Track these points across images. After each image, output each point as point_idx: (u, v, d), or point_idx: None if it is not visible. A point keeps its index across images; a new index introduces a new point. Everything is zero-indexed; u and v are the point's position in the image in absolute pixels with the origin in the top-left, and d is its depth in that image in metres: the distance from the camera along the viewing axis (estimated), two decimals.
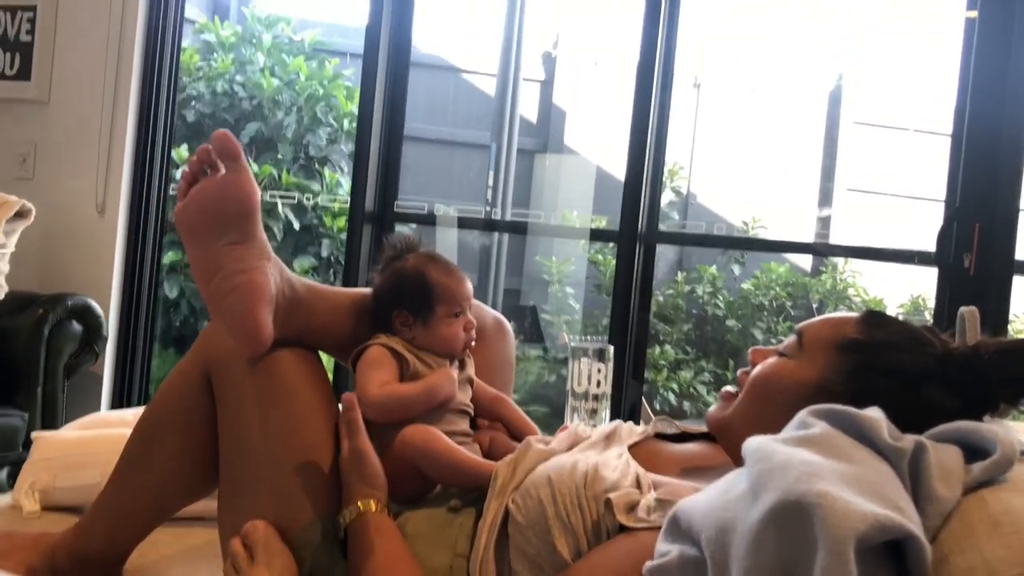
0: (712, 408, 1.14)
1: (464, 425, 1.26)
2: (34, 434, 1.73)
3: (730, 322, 4.50)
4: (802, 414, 0.89)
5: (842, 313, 1.09)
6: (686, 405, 4.25)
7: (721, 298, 4.55)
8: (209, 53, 4.68)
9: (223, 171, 1.14)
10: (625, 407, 2.46)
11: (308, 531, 1.11)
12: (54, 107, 2.81)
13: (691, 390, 4.30)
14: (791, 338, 1.09)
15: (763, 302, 4.46)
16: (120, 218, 2.75)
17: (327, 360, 1.39)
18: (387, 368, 1.21)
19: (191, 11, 4.84)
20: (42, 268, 2.73)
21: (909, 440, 0.85)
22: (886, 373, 1.01)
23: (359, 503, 1.10)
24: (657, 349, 4.41)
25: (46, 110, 2.81)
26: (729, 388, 1.13)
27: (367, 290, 1.33)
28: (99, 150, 2.75)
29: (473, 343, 1.30)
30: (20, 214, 2.40)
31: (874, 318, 1.06)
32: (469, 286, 1.30)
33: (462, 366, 1.30)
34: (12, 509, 1.64)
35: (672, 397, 4.29)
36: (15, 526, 1.54)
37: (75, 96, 2.79)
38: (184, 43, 4.56)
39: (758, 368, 1.09)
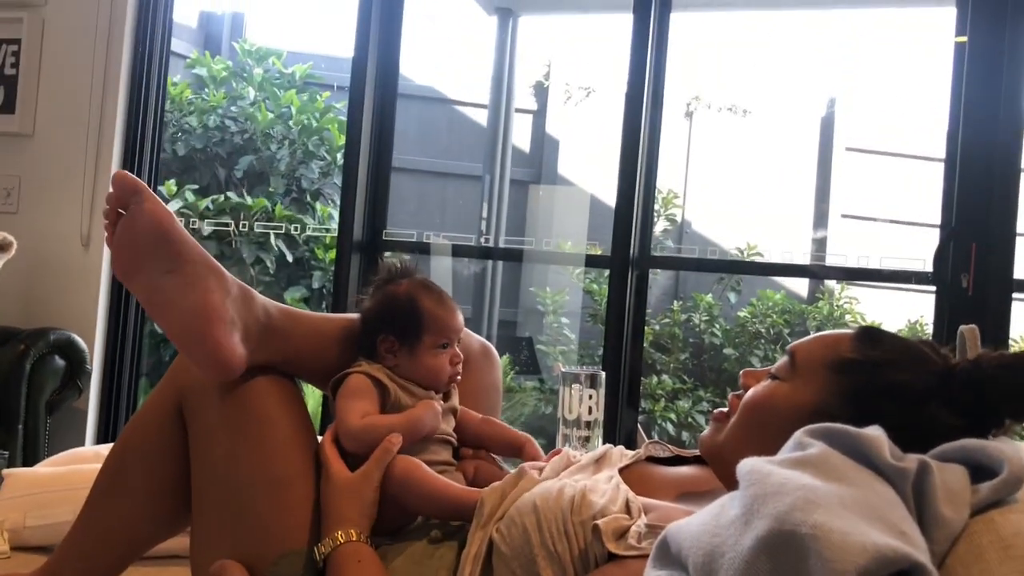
0: (705, 432, 1.09)
1: (446, 455, 1.21)
2: (4, 471, 1.68)
3: (727, 350, 4.46)
4: (799, 434, 0.84)
5: (835, 331, 1.04)
6: (684, 435, 4.19)
7: (718, 326, 4.51)
8: (201, 87, 4.67)
9: (133, 207, 1.12)
10: (620, 436, 2.41)
11: (280, 565, 1.06)
12: (39, 140, 2.78)
13: (689, 420, 4.25)
14: (783, 359, 1.04)
15: (760, 329, 4.42)
16: (105, 252, 2.71)
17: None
18: (368, 398, 1.16)
19: (182, 46, 4.84)
20: (25, 302, 2.68)
21: (912, 460, 0.80)
22: (885, 393, 0.96)
23: (339, 533, 1.05)
24: (654, 379, 4.36)
25: (31, 143, 2.78)
26: (722, 409, 1.08)
27: (355, 316, 1.29)
28: (84, 183, 2.72)
29: (459, 377, 1.25)
30: (2, 247, 2.36)
31: (869, 335, 1.01)
32: (460, 319, 1.26)
33: (446, 397, 1.26)
34: None
35: (670, 427, 4.24)
36: None
37: (60, 129, 2.76)
38: (175, 78, 4.58)
39: (751, 392, 1.04)
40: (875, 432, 0.82)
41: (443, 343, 1.22)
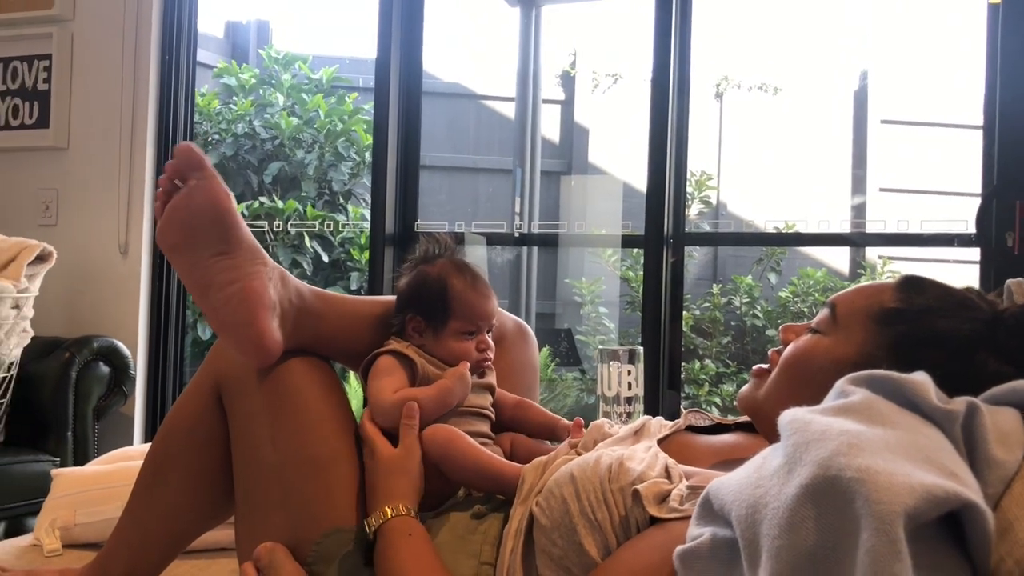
0: (744, 387, 1.06)
1: (484, 428, 1.20)
2: (53, 471, 1.70)
3: (770, 331, 4.40)
4: (841, 383, 0.81)
5: (877, 281, 1.01)
6: (730, 419, 4.14)
7: (759, 308, 4.45)
8: (229, 96, 4.72)
9: (192, 183, 1.11)
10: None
11: (323, 544, 1.06)
12: (73, 153, 2.82)
13: (735, 403, 4.19)
14: (823, 312, 1.01)
15: (802, 309, 4.35)
16: (143, 258, 2.74)
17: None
18: (396, 375, 1.16)
19: (210, 56, 4.89)
20: (68, 311, 2.72)
21: (960, 402, 0.77)
22: (931, 342, 0.93)
23: (388, 507, 1.04)
24: (697, 364, 4.32)
25: (66, 156, 2.83)
26: (761, 366, 1.06)
27: (388, 298, 1.28)
28: (119, 192, 2.76)
29: (490, 364, 1.23)
30: (41, 258, 2.40)
31: (912, 283, 0.98)
32: (492, 306, 1.23)
33: (481, 374, 1.24)
34: (33, 548, 1.61)
35: (715, 412, 4.19)
36: (36, 565, 1.51)
37: (93, 142, 2.80)
38: (204, 87, 4.62)
39: (791, 347, 1.02)
40: (920, 377, 0.79)
41: (470, 330, 1.20)
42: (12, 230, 2.50)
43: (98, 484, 1.64)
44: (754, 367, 1.07)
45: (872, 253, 4.47)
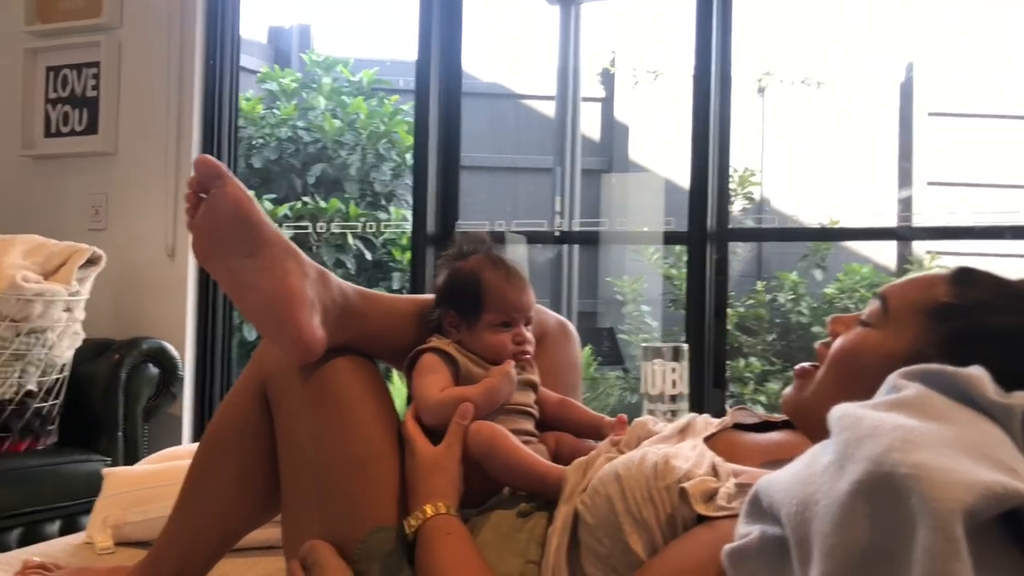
0: (787, 389, 1.04)
1: (528, 425, 1.20)
2: (104, 471, 1.73)
3: (816, 328, 4.33)
4: (892, 377, 0.80)
5: (929, 273, 0.99)
6: (778, 416, 4.09)
7: (804, 304, 4.39)
8: (272, 101, 4.78)
9: (213, 191, 1.12)
10: None
11: (368, 542, 1.06)
12: (121, 158, 2.87)
13: (780, 402, 4.14)
14: (873, 304, 0.99)
15: (848, 305, 4.28)
16: (190, 261, 2.78)
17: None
18: (441, 373, 1.16)
19: (254, 62, 4.96)
20: (118, 314, 2.77)
21: (1020, 396, 0.75)
22: (988, 338, 0.90)
23: (428, 506, 1.04)
24: (741, 361, 4.27)
25: (114, 161, 2.88)
26: (804, 365, 1.03)
27: (430, 296, 1.29)
28: (166, 197, 2.80)
29: (529, 357, 1.23)
30: (92, 261, 2.45)
31: (966, 276, 0.95)
32: (528, 298, 1.23)
33: (523, 370, 1.24)
34: (86, 545, 1.64)
35: (761, 410, 4.13)
36: (88, 562, 1.54)
37: (141, 147, 2.85)
38: (248, 93, 4.68)
39: (839, 341, 1.00)
40: (976, 371, 0.77)
41: (504, 321, 1.20)
42: (63, 234, 2.55)
43: (148, 483, 1.66)
44: (796, 367, 1.05)
45: (920, 248, 4.39)
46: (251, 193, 1.16)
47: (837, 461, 0.69)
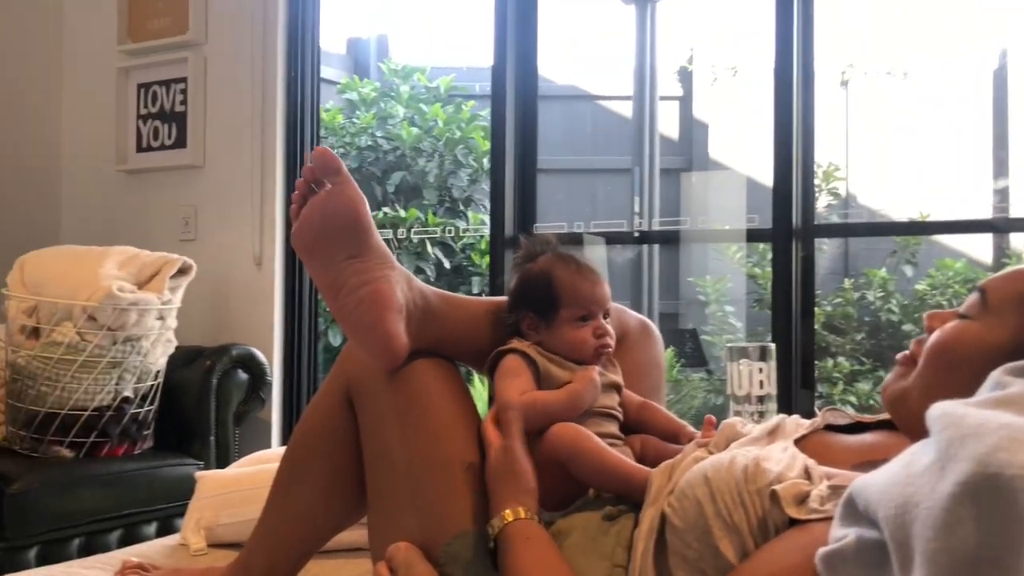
0: (888, 377, 1.00)
1: (612, 428, 1.18)
2: (197, 474, 1.77)
3: (907, 326, 4.19)
4: (996, 373, 0.76)
5: None
6: (870, 417, 3.97)
7: (895, 302, 4.25)
8: (352, 111, 4.86)
9: (328, 187, 1.13)
10: None
11: (453, 546, 1.06)
12: (209, 171, 2.96)
13: (871, 402, 4.02)
14: (972, 297, 0.95)
15: (941, 302, 4.13)
16: (277, 269, 2.85)
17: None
18: (523, 375, 1.16)
19: (333, 72, 5.05)
20: (208, 321, 2.85)
21: None
22: None
23: (507, 511, 1.04)
24: (830, 361, 4.16)
25: (203, 174, 2.97)
26: (907, 352, 0.99)
27: (504, 298, 1.29)
28: (252, 207, 2.87)
29: (611, 350, 1.22)
30: (183, 271, 2.52)
31: None
32: (603, 291, 1.22)
33: (606, 371, 1.23)
34: (181, 547, 1.68)
35: (851, 411, 4.02)
36: (183, 563, 1.58)
37: (227, 159, 2.93)
38: (328, 103, 4.78)
39: (936, 334, 0.96)
40: None
41: (582, 315, 1.19)
42: (155, 245, 2.64)
43: (239, 486, 1.70)
44: (899, 355, 1.01)
45: (1018, 240, 4.20)
46: None
47: (938, 461, 0.66)
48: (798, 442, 1.04)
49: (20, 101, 3.12)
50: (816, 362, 2.65)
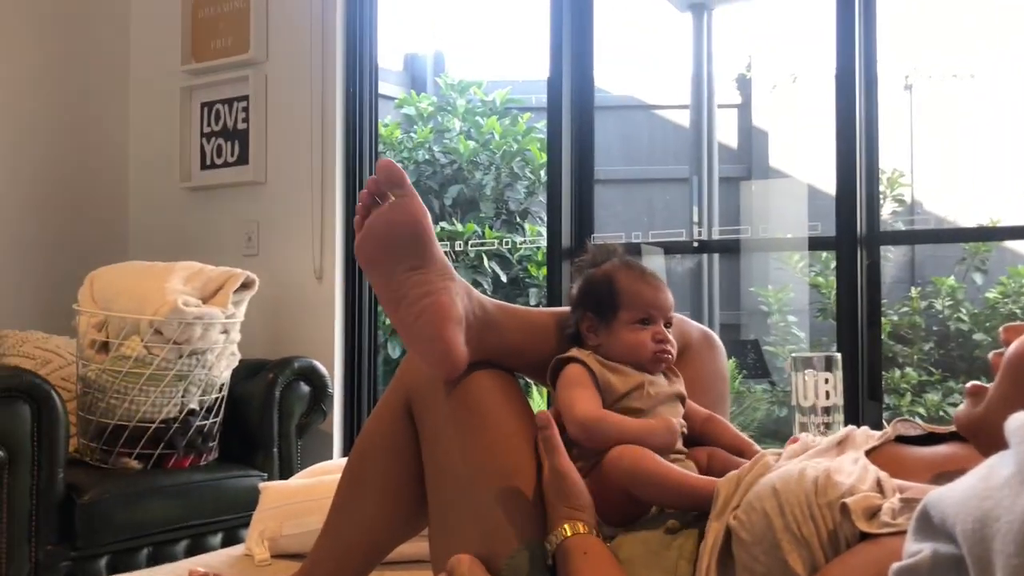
0: (960, 408, 0.97)
1: (677, 443, 1.16)
2: (261, 485, 1.80)
3: (977, 336, 4.07)
4: None
5: None
6: (944, 428, 3.86)
7: (964, 311, 4.13)
8: (410, 125, 4.91)
9: (392, 199, 1.14)
10: None
11: (515, 559, 1.06)
12: (271, 187, 3.01)
13: (940, 413, 3.91)
14: None
15: (1014, 310, 4.01)
16: (337, 282, 2.88)
17: None
18: (588, 387, 1.15)
19: (391, 88, 5.11)
20: (270, 335, 2.90)
21: None
22: None
23: (565, 526, 1.03)
24: (897, 372, 4.06)
25: (265, 190, 3.02)
26: (976, 383, 0.96)
27: (566, 308, 1.28)
28: (313, 221, 2.91)
29: (670, 357, 1.20)
30: (246, 285, 2.56)
31: None
32: (665, 297, 1.21)
33: (669, 380, 1.21)
34: (245, 557, 1.70)
35: (921, 422, 3.91)
36: (248, 573, 1.60)
37: (288, 174, 2.97)
38: (386, 119, 4.83)
39: (1014, 344, 0.92)
40: None
41: (642, 318, 1.18)
42: (219, 260, 2.69)
43: (302, 497, 1.72)
44: (968, 385, 0.97)
45: None
46: None
47: (1019, 473, 0.64)
48: (869, 454, 1.01)
49: (89, 123, 3.22)
50: (883, 373, 2.59)
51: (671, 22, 4.72)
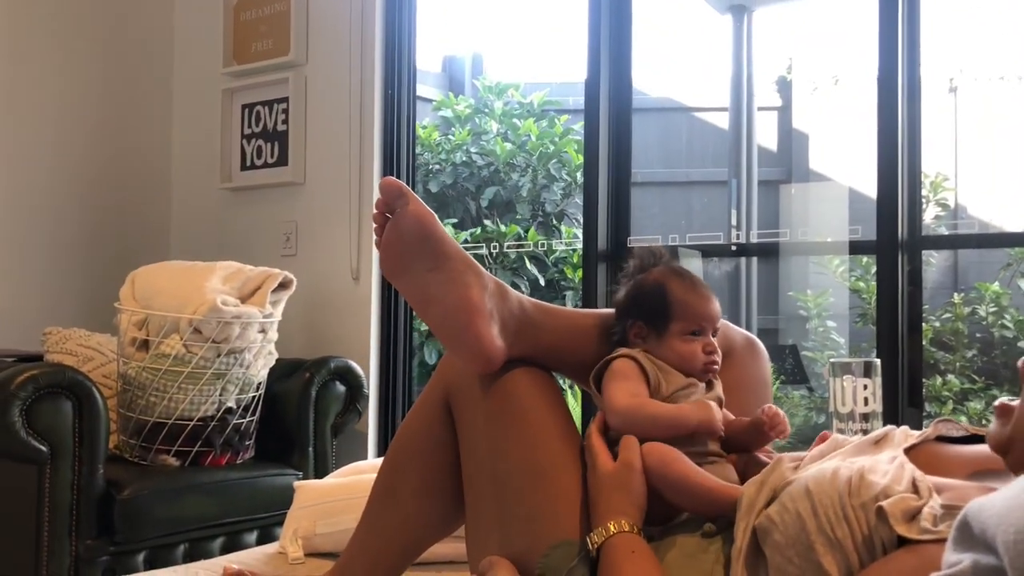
0: (991, 427, 0.94)
1: (715, 445, 1.15)
2: (295, 483, 1.81)
3: (1022, 343, 3.99)
4: None
5: None
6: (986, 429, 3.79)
7: (1009, 317, 4.05)
8: (447, 128, 4.92)
9: (397, 211, 1.17)
10: None
11: (551, 556, 1.05)
12: (309, 188, 3.04)
13: (984, 422, 3.83)
14: None
15: None
16: (373, 283, 2.90)
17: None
18: (635, 380, 1.15)
19: (430, 91, 5.13)
20: (307, 334, 2.92)
21: None
22: None
23: (611, 523, 1.02)
24: (938, 379, 3.99)
25: (303, 191, 3.05)
26: (1005, 400, 0.94)
27: (609, 311, 1.28)
28: (350, 223, 2.93)
29: (718, 367, 1.19)
30: (283, 285, 2.59)
31: None
32: (715, 308, 1.21)
33: (709, 386, 1.20)
34: (279, 555, 1.72)
35: (962, 423, 3.84)
36: (281, 571, 1.61)
37: (327, 175, 3.00)
38: (424, 121, 4.85)
39: None
40: None
41: (694, 330, 1.18)
42: (257, 260, 2.71)
43: (336, 496, 1.73)
44: (996, 404, 0.95)
45: None
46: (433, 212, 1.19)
47: None
48: (908, 452, 1.00)
49: (133, 124, 3.27)
50: (924, 380, 2.54)
51: (711, 24, 4.69)
